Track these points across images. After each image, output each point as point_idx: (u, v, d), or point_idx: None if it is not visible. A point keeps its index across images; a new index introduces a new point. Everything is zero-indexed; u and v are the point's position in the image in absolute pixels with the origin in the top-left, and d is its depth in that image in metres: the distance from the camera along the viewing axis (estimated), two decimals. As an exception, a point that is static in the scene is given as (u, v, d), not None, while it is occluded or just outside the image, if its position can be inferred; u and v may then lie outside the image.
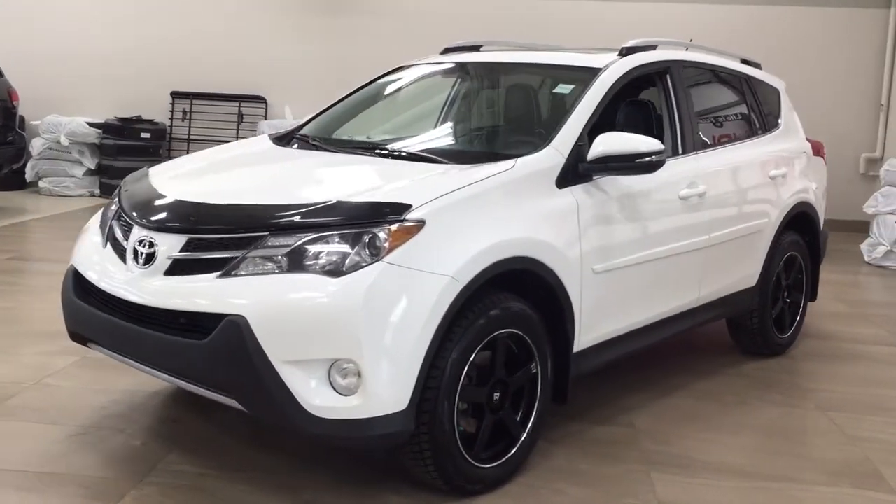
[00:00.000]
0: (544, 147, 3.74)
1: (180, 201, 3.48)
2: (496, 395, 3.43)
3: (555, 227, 3.61)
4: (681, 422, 4.32)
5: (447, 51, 5.11)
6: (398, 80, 4.96)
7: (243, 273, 3.13)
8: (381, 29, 11.68)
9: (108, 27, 11.97)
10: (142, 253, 3.35)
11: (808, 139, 5.82)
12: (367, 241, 3.08)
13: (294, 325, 3.01)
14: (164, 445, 3.81)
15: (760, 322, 5.25)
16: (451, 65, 4.94)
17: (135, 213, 3.49)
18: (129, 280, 3.36)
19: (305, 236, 3.12)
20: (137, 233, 3.42)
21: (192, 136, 11.98)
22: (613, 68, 4.22)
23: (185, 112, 11.96)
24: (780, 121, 5.54)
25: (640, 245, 4.07)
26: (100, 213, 4.00)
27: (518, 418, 3.55)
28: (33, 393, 4.37)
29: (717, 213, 4.63)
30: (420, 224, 3.13)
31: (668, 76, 4.55)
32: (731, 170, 4.80)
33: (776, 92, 5.67)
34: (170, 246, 3.29)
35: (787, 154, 5.42)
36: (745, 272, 5.01)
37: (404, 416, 3.07)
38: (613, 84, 4.14)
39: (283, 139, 4.50)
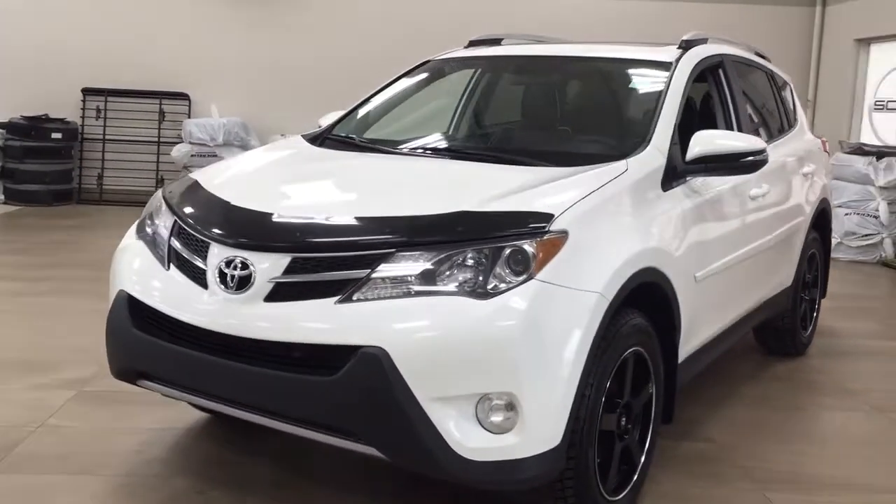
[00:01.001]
0: (644, 147, 3.45)
1: (275, 216, 3.00)
2: (623, 421, 3.13)
3: (667, 233, 3.35)
4: (754, 433, 4.12)
5: (472, 44, 4.74)
6: (441, 75, 4.54)
7: (370, 297, 2.69)
8: (313, 21, 11.14)
9: (10, 17, 10.91)
10: (232, 276, 2.86)
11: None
12: (512, 256, 2.70)
13: (443, 356, 2.59)
14: (231, 493, 3.31)
15: (792, 322, 5.16)
16: (501, 59, 4.58)
17: (216, 231, 2.98)
18: (217, 308, 2.86)
19: (440, 253, 2.71)
20: (222, 252, 2.91)
21: (107, 136, 11.08)
22: (684, 62, 3.97)
23: (98, 110, 11.05)
24: (797, 116, 5.47)
25: (728, 248, 3.87)
26: (132, 232, 3.45)
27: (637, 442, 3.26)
28: (43, 438, 3.75)
29: (775, 212, 4.49)
30: (564, 235, 2.78)
31: (721, 70, 4.35)
32: (780, 168, 4.65)
33: (788, 86, 5.59)
34: (270, 267, 2.81)
35: (812, 150, 5.35)
36: (786, 272, 4.89)
37: (557, 452, 2.71)
38: (688, 79, 3.90)
39: (330, 142, 4.02)
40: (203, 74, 11.06)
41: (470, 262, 2.70)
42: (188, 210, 3.18)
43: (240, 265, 2.84)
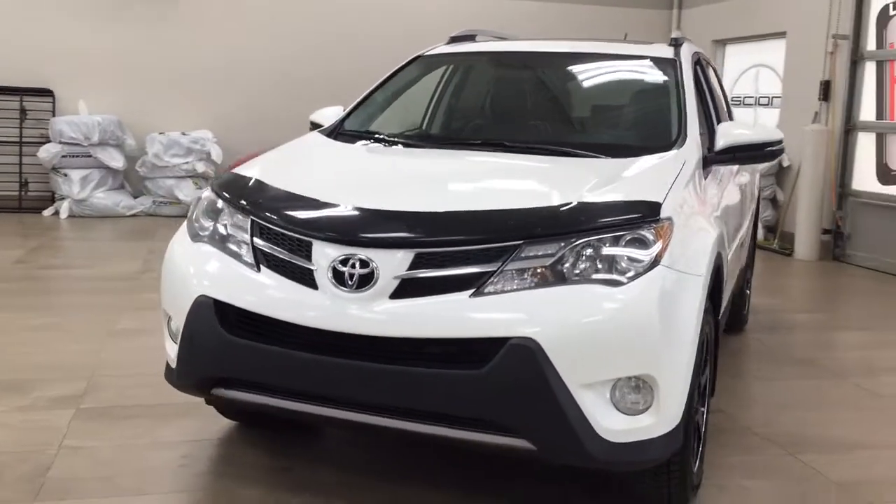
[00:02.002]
0: (685, 138, 3.64)
1: (392, 212, 2.94)
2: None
3: (718, 217, 3.59)
4: (754, 403, 4.46)
5: (453, 40, 4.78)
6: (450, 69, 4.55)
7: (505, 289, 2.70)
8: (193, 13, 10.66)
9: None
10: (350, 275, 2.78)
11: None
12: (632, 243, 2.80)
13: (588, 343, 2.64)
14: (314, 499, 3.20)
15: (741, 298, 5.57)
16: (515, 55, 4.63)
17: (325, 230, 2.87)
18: (335, 307, 2.76)
19: (567, 243, 2.77)
20: (334, 251, 2.82)
21: (-41, 136, 10.12)
22: (684, 59, 4.21)
23: (-51, 108, 10.07)
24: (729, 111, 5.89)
25: (737, 229, 4.20)
26: (184, 237, 3.26)
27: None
28: (70, 461, 3.46)
29: (748, 199, 4.85)
30: (671, 222, 2.92)
31: (700, 66, 4.64)
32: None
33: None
34: (394, 264, 2.76)
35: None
36: (746, 251, 5.29)
37: (678, 431, 2.84)
38: (693, 73, 4.15)
39: (361, 138, 3.97)
40: (69, 69, 10.31)
41: (595, 250, 2.77)
42: (273, 210, 3.04)
43: (358, 263, 2.77)
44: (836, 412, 4.44)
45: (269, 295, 2.89)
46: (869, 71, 8.83)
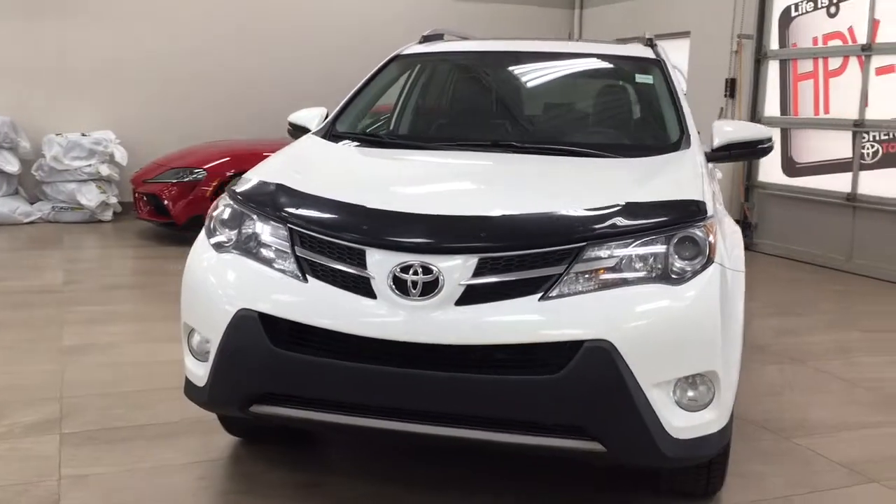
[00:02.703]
0: (690, 136, 3.73)
1: (451, 217, 2.86)
2: None
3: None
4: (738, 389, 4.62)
5: (425, 39, 4.73)
6: (436, 69, 4.48)
7: (572, 291, 2.69)
8: (80, 9, 10.08)
9: None
10: (413, 282, 2.70)
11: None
12: (682, 242, 2.84)
13: (659, 342, 2.67)
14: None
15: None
16: (494, 54, 4.57)
17: (384, 237, 2.77)
18: (399, 316, 2.67)
19: (627, 244, 2.78)
20: (392, 259, 2.73)
21: None
22: (664, 59, 4.32)
23: None
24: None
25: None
26: (205, 249, 3.10)
27: None
28: (78, 491, 3.21)
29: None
30: (713, 220, 2.99)
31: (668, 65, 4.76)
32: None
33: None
34: (459, 270, 2.70)
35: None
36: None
37: (731, 424, 2.93)
38: (673, 73, 4.26)
39: (365, 141, 3.90)
40: None
41: (652, 250, 2.80)
42: (317, 218, 2.91)
43: (420, 270, 2.70)
44: (810, 396, 4.66)
45: (322, 306, 2.77)
46: (773, 69, 9.30)
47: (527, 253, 2.73)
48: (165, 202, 8.51)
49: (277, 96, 10.45)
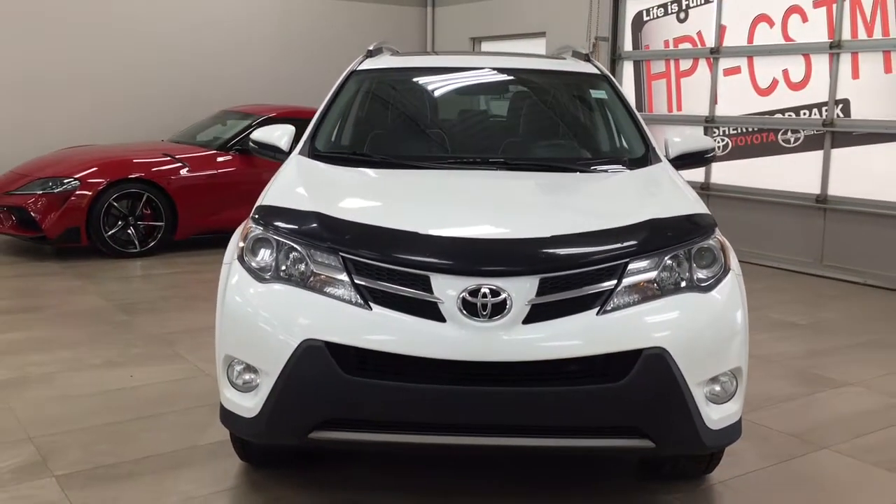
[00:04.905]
0: (653, 150, 4.08)
1: (516, 239, 3.04)
2: None
3: None
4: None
5: (370, 54, 4.82)
6: (392, 85, 4.57)
7: (624, 304, 2.95)
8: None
9: None
10: (483, 305, 2.85)
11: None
12: (700, 253, 3.16)
13: (701, 345, 2.99)
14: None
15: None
16: (454, 70, 4.73)
17: (449, 263, 2.89)
18: (472, 338, 2.82)
19: (661, 257, 3.07)
20: (460, 283, 2.86)
21: None
22: (605, 72, 4.67)
23: None
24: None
25: None
26: (247, 282, 3.09)
27: None
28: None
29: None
30: (717, 230, 3.34)
31: None
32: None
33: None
34: (525, 291, 2.88)
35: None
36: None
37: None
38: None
39: (354, 161, 3.98)
40: None
41: (678, 261, 3.11)
42: (373, 247, 2.99)
43: (489, 293, 2.86)
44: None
45: (391, 331, 2.87)
46: (627, 69, 9.99)
47: (584, 271, 2.96)
48: (34, 215, 7.99)
49: (121, 100, 10.19)
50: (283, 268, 3.07)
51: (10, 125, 9.75)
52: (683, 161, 4.23)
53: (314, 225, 3.13)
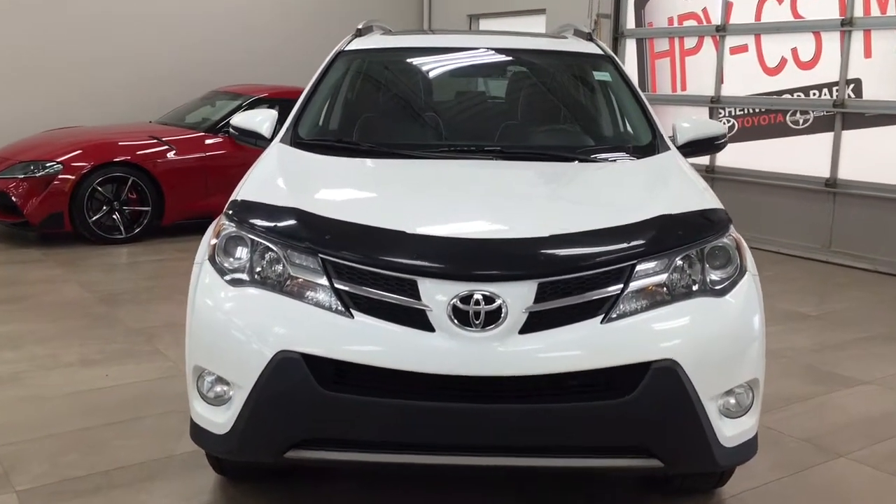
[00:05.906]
0: (662, 136, 3.80)
1: (510, 240, 2.73)
2: None
3: None
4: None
5: (359, 32, 4.52)
6: (386, 66, 4.27)
7: (631, 310, 2.67)
8: None
9: None
10: (476, 313, 2.58)
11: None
12: (713, 252, 2.88)
13: (716, 356, 2.72)
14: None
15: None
16: (444, 50, 4.40)
17: (438, 265, 2.61)
18: (463, 349, 2.54)
19: (670, 258, 2.79)
20: (452, 289, 2.58)
21: None
22: (609, 53, 4.37)
23: None
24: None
25: None
26: (217, 285, 2.81)
27: None
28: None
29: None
30: (732, 226, 3.06)
31: None
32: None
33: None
34: (521, 297, 2.60)
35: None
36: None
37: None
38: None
39: (342, 150, 3.68)
40: None
41: (689, 263, 2.83)
42: (354, 247, 2.69)
43: (483, 300, 2.59)
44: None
45: (375, 342, 2.60)
46: (630, 47, 9.66)
47: (588, 274, 2.68)
48: (15, 200, 7.71)
49: (120, 84, 9.84)
50: (259, 269, 2.80)
51: (3, 109, 9.41)
52: (693, 148, 3.95)
53: (292, 222, 2.85)
